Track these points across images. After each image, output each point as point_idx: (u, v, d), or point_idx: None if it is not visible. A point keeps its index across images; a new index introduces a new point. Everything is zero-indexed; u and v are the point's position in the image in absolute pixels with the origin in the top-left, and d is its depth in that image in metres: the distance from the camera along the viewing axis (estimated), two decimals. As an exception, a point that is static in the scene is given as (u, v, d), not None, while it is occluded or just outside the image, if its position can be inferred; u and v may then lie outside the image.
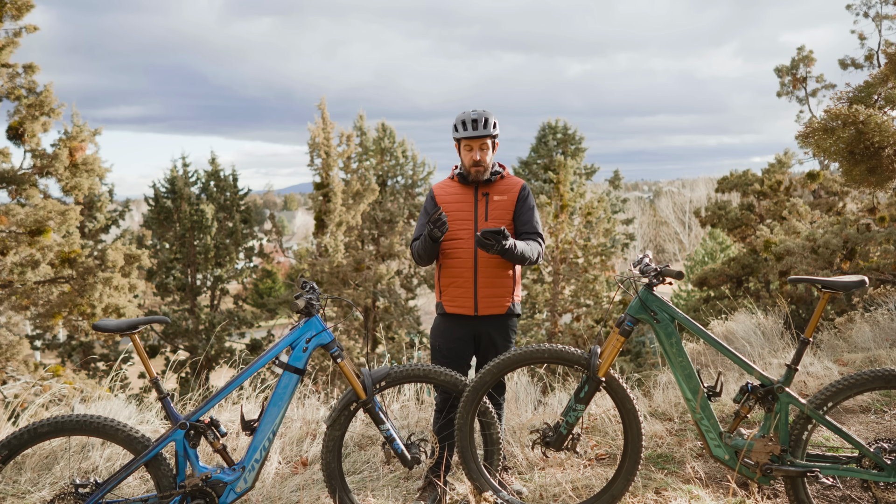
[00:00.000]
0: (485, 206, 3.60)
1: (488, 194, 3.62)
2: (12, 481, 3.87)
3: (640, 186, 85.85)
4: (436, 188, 3.75)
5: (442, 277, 3.66)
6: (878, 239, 9.90)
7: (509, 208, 3.63)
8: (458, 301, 3.58)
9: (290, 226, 58.78)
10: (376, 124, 22.85)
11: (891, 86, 6.94)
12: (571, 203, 17.13)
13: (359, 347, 19.82)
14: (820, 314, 3.11)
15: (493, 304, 3.57)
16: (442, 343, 3.65)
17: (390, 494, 3.71)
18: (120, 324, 3.01)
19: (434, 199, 3.69)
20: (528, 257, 3.50)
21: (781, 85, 17.19)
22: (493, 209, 3.60)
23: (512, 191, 3.65)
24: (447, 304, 3.64)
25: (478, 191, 3.63)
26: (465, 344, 3.62)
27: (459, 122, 3.56)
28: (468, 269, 3.56)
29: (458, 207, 3.62)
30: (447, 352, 3.62)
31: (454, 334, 3.62)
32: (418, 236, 3.67)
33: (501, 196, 3.63)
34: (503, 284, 3.58)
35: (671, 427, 4.59)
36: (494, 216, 3.60)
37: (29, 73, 10.13)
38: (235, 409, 4.90)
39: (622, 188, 35.83)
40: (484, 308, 3.56)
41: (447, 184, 3.74)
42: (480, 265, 3.55)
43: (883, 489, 3.01)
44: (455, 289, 3.59)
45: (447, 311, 3.64)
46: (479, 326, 3.60)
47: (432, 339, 3.73)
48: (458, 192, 3.66)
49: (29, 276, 9.85)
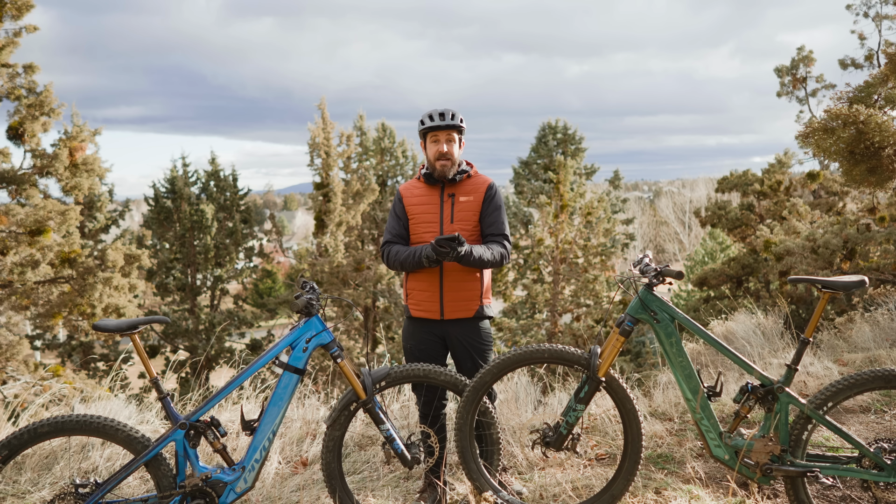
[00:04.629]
0: (450, 207, 3.53)
1: (454, 195, 3.55)
2: (12, 481, 3.86)
3: (640, 186, 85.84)
4: (402, 189, 3.68)
5: (409, 281, 3.62)
6: (878, 239, 9.90)
7: (475, 209, 3.55)
8: (423, 305, 3.55)
9: (290, 226, 58.78)
10: (376, 124, 22.85)
11: (891, 86, 6.94)
12: (571, 203, 17.13)
13: (359, 347, 19.82)
14: (820, 314, 3.11)
15: (460, 307, 3.52)
16: (413, 345, 3.62)
17: (390, 494, 3.71)
18: (120, 324, 3.01)
19: (401, 200, 3.63)
20: (487, 261, 3.39)
21: (781, 85, 17.20)
22: (459, 210, 3.53)
23: (478, 191, 3.57)
24: (413, 307, 3.60)
25: (444, 191, 3.56)
26: (435, 346, 3.58)
27: (426, 115, 3.52)
28: (433, 273, 3.50)
29: (424, 209, 3.56)
30: (419, 353, 3.59)
31: (423, 337, 3.59)
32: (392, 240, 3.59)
33: (468, 196, 3.55)
34: (470, 288, 3.53)
35: (671, 427, 4.59)
36: (460, 218, 3.53)
37: (29, 73, 10.13)
38: (235, 409, 4.90)
39: (622, 188, 35.81)
40: (450, 312, 3.51)
41: (414, 184, 3.67)
42: (446, 269, 3.49)
43: (883, 489, 3.01)
44: (420, 293, 3.55)
45: (413, 315, 3.61)
46: (447, 330, 3.55)
47: (404, 341, 3.70)
48: (425, 194, 3.59)
49: (29, 276, 9.84)
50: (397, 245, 3.58)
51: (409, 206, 3.60)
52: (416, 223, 3.58)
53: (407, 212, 3.61)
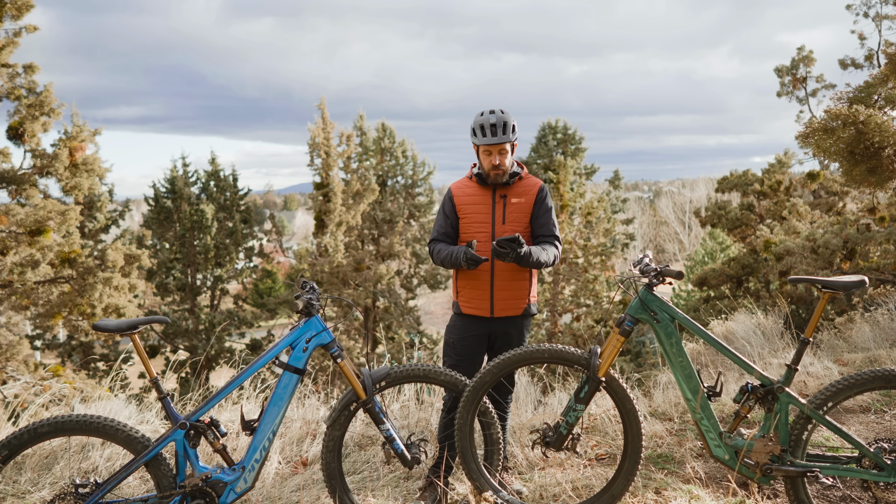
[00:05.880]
0: (502, 208, 3.58)
1: (506, 196, 3.59)
2: (12, 481, 3.86)
3: (640, 186, 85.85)
4: (454, 188, 3.72)
5: (459, 279, 3.67)
6: (878, 239, 9.90)
7: (527, 211, 3.60)
8: (474, 303, 3.60)
9: (290, 226, 58.78)
10: (376, 124, 22.85)
11: (891, 86, 6.94)
12: (571, 203, 17.14)
13: (359, 347, 19.82)
14: (820, 314, 3.11)
15: (510, 306, 3.58)
16: (456, 339, 3.66)
17: (390, 494, 3.71)
18: (120, 324, 3.01)
19: (452, 199, 3.67)
20: (544, 262, 3.48)
21: (781, 85, 17.19)
22: (511, 212, 3.58)
23: (530, 192, 3.61)
24: (464, 305, 3.64)
25: (496, 192, 3.60)
26: (478, 342, 3.64)
27: (478, 126, 3.51)
28: (485, 272, 3.55)
29: (475, 209, 3.61)
30: (461, 348, 3.63)
31: (469, 332, 3.63)
32: (439, 238, 3.67)
33: (519, 198, 3.60)
34: (520, 287, 3.59)
35: (671, 427, 4.59)
36: (512, 219, 3.57)
37: (29, 73, 10.13)
38: (235, 409, 4.90)
39: (622, 188, 35.83)
40: (500, 310, 3.57)
41: (465, 183, 3.71)
42: (497, 268, 3.54)
43: (883, 489, 3.01)
44: (471, 290, 3.60)
45: (463, 312, 3.65)
46: (494, 327, 3.62)
47: (447, 334, 3.74)
48: (476, 194, 3.63)
49: (29, 276, 9.85)
50: (441, 243, 3.65)
51: (460, 206, 3.64)
52: (467, 223, 3.61)
53: (458, 211, 3.65)
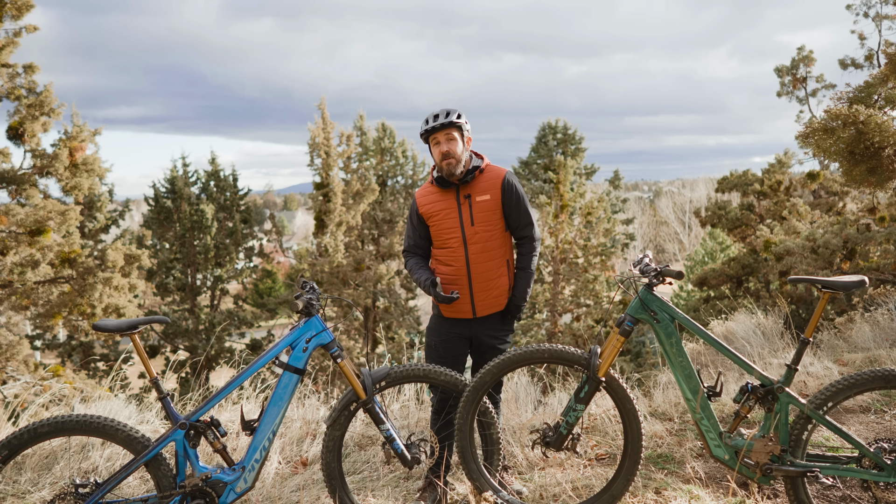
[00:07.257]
0: (468, 209, 3.50)
1: (470, 196, 3.51)
2: (12, 481, 3.86)
3: (640, 186, 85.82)
4: (418, 196, 3.65)
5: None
6: (878, 239, 9.89)
7: (495, 208, 3.52)
8: (455, 306, 3.56)
9: (290, 226, 58.78)
10: (376, 124, 22.86)
11: (891, 86, 6.94)
12: (571, 203, 17.13)
13: (359, 347, 19.82)
14: (820, 314, 3.11)
15: (491, 304, 3.57)
16: (438, 342, 3.63)
17: (390, 494, 3.71)
18: (120, 324, 3.01)
19: (418, 210, 3.61)
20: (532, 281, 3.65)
21: (781, 85, 17.19)
22: (478, 212, 3.50)
23: (494, 186, 3.51)
24: (444, 308, 3.61)
25: (459, 193, 3.53)
26: (460, 343, 3.62)
27: (423, 119, 3.52)
28: (462, 277, 3.52)
29: (442, 215, 3.54)
30: (443, 350, 3.60)
31: (450, 334, 3.61)
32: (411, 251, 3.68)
33: (484, 195, 3.51)
34: (499, 285, 3.57)
35: (671, 427, 4.59)
36: (480, 219, 3.50)
37: (29, 73, 10.13)
38: (235, 409, 4.90)
39: (622, 188, 35.82)
40: (482, 310, 3.56)
41: (428, 189, 3.63)
42: (474, 271, 3.51)
43: (883, 489, 3.01)
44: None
45: (444, 316, 3.63)
46: (476, 327, 3.60)
47: (428, 337, 3.71)
48: (440, 199, 3.56)
49: (29, 276, 9.85)
50: (414, 258, 3.66)
51: (425, 213, 3.59)
52: (437, 229, 3.57)
53: (425, 219, 3.60)
